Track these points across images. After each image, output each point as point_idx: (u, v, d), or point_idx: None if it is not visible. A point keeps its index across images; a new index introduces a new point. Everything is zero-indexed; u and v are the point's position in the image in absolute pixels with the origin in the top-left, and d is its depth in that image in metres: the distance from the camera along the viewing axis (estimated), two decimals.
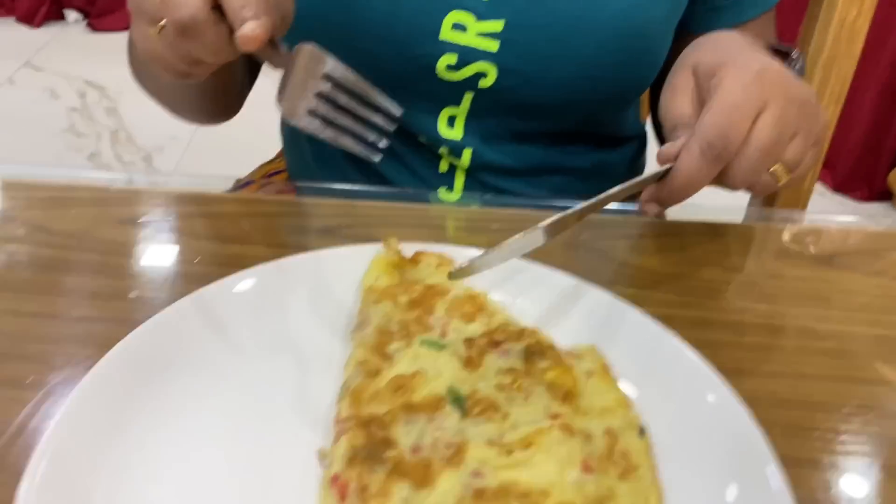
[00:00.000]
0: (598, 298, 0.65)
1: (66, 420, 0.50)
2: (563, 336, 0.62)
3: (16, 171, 0.84)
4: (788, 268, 0.80)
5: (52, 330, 0.64)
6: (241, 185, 0.95)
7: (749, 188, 0.68)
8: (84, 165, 2.71)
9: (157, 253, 0.74)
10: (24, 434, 0.55)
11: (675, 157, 0.64)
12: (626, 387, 0.58)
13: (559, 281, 0.66)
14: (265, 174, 1.13)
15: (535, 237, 0.61)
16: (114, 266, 0.71)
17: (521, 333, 0.60)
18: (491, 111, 0.89)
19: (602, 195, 0.64)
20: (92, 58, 3.30)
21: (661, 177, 0.65)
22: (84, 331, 0.64)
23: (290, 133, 1.09)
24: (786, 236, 0.86)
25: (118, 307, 0.67)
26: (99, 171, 0.87)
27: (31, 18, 3.59)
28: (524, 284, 0.66)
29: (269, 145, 1.25)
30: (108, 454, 0.51)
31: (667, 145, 0.65)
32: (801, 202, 1.02)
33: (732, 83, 0.64)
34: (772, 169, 0.66)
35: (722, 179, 0.65)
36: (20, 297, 0.67)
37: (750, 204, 1.09)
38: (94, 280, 0.69)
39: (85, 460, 0.49)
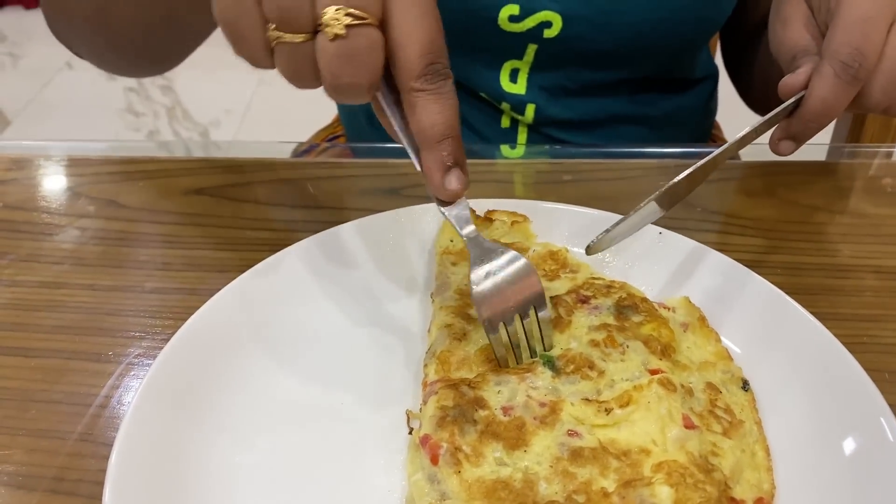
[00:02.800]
0: (684, 247, 0.61)
1: (149, 392, 0.50)
2: (650, 289, 0.59)
3: (80, 147, 0.84)
4: (884, 204, 0.74)
5: (129, 302, 0.64)
6: (303, 150, 0.93)
7: (888, 108, 0.60)
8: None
9: (225, 221, 0.73)
10: (109, 406, 0.55)
11: (803, 86, 0.58)
12: (724, 339, 0.55)
13: (642, 230, 0.63)
14: (325, 138, 1.11)
15: (652, 210, 0.57)
16: (184, 236, 0.71)
17: (609, 287, 0.57)
18: (556, 63, 0.85)
19: (721, 148, 0.58)
20: None
21: (790, 111, 0.59)
22: (159, 302, 0.64)
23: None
24: (879, 171, 0.81)
25: (190, 277, 0.66)
26: (163, 144, 0.86)
27: None
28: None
29: (324, 112, 1.23)
30: (192, 422, 0.50)
31: (789, 76, 0.59)
32: (890, 135, 0.95)
33: None
34: None
35: (859, 101, 0.59)
36: (96, 272, 0.67)
37: (833, 140, 1.03)
38: (166, 251, 0.69)
39: (171, 429, 0.49)
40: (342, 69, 0.44)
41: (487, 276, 0.51)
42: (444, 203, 0.51)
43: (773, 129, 0.61)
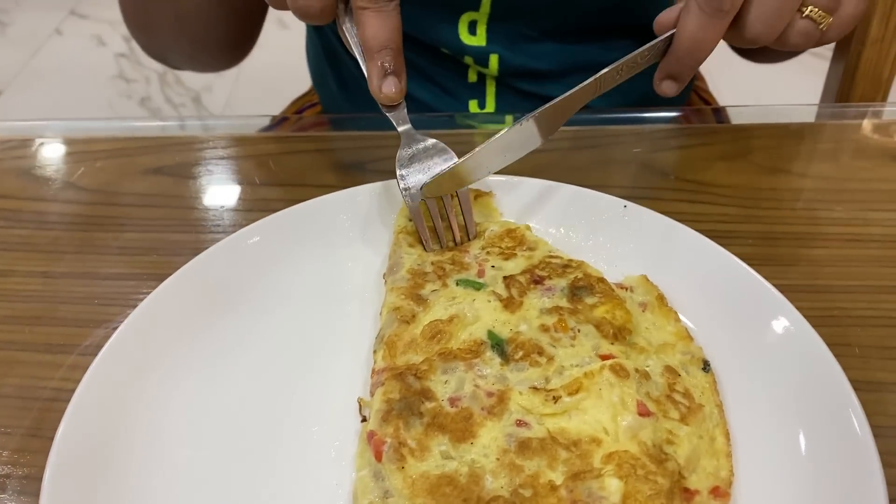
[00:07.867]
0: (648, 220, 0.59)
1: (94, 381, 0.48)
2: (610, 265, 0.57)
3: (33, 127, 0.81)
4: (867, 168, 0.72)
5: (83, 290, 0.62)
6: (276, 122, 0.91)
7: (781, 40, 0.57)
8: (134, 113, 2.72)
9: (184, 202, 0.71)
10: (60, 399, 0.54)
11: (674, 23, 0.56)
12: (685, 318, 0.53)
13: (606, 204, 0.60)
14: (298, 109, 1.08)
15: (526, 131, 0.56)
16: (141, 218, 0.69)
17: (565, 267, 0.55)
18: (513, 11, 0.82)
19: (594, 77, 0.56)
20: None
21: (665, 50, 0.57)
22: (114, 289, 0.62)
23: (317, 68, 1.04)
24: (863, 132, 0.77)
25: (146, 262, 0.65)
26: (118, 120, 0.83)
27: None
28: (568, 210, 0.61)
29: None
30: (137, 414, 0.49)
31: (663, 13, 0.57)
32: (881, 93, 0.92)
33: None
34: (806, 12, 0.56)
35: (740, 34, 0.56)
36: (49, 258, 0.65)
37: (822, 100, 0.99)
38: (122, 235, 0.67)
39: (114, 423, 0.48)
40: None
41: (412, 159, 0.57)
42: (386, 108, 0.58)
43: (656, 71, 0.59)
